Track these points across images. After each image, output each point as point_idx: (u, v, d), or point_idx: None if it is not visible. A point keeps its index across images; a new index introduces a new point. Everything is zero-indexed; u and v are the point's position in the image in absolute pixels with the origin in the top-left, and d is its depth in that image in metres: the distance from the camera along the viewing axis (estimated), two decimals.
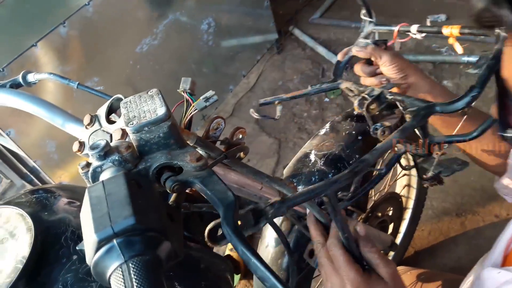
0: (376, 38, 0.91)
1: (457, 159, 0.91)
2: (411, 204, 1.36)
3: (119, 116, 0.58)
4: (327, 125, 0.99)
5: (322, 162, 0.92)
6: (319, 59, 2.57)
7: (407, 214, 1.38)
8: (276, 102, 0.84)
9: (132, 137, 0.42)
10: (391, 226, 1.21)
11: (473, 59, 2.08)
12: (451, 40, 0.82)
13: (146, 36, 1.80)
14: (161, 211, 0.36)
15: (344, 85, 0.84)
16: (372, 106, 0.70)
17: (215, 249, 0.81)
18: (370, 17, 0.91)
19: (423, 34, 0.86)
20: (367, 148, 0.95)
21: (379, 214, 1.12)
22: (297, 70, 2.59)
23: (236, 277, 1.55)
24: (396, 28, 0.88)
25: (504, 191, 0.91)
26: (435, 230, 1.54)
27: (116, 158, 0.40)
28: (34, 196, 0.56)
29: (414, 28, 0.86)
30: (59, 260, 0.48)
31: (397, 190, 1.31)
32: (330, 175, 0.90)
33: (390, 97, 0.70)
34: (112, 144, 0.47)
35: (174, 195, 0.47)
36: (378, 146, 0.58)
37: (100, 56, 1.68)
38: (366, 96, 0.71)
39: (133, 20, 1.76)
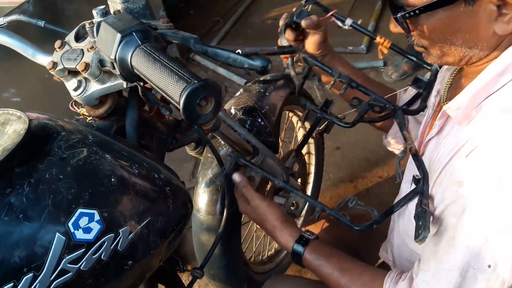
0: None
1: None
2: (312, 169, 1.65)
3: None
4: (241, 90, 1.23)
5: (241, 113, 1.15)
6: (221, 79, 2.86)
7: (311, 178, 1.65)
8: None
9: (121, 7, 0.59)
10: (299, 181, 1.47)
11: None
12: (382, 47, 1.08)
13: None
14: None
15: (301, 52, 1.00)
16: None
17: None
18: None
19: (349, 26, 1.04)
20: (274, 100, 1.21)
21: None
22: None
23: None
24: (331, 12, 1.05)
25: (390, 145, 1.17)
26: (334, 195, 1.85)
27: (113, 16, 0.57)
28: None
29: (348, 21, 1.05)
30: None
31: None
32: (248, 122, 1.13)
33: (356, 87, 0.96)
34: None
35: None
36: None
37: (16, 68, 1.74)
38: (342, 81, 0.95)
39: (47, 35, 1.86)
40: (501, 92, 0.66)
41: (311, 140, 1.61)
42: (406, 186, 0.93)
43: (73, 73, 0.72)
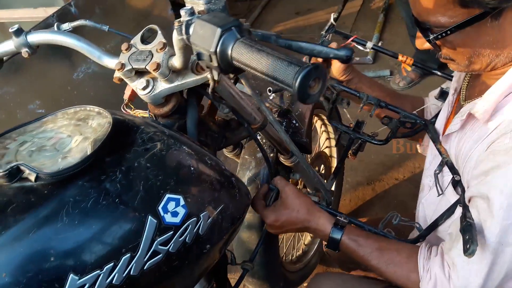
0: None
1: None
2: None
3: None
4: (273, 94, 1.28)
5: (276, 115, 1.19)
6: None
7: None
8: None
9: (204, 7, 0.63)
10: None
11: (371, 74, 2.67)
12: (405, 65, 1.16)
13: (81, 65, 1.95)
14: None
15: (327, 82, 1.06)
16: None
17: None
18: (335, 22, 1.15)
19: (370, 48, 1.13)
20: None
21: (316, 168, 1.42)
22: None
23: None
24: (352, 38, 1.13)
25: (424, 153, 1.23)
26: (354, 198, 1.89)
27: (206, 14, 0.61)
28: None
29: (369, 44, 1.13)
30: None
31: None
32: (284, 123, 1.18)
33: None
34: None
35: None
36: None
37: (41, 81, 1.78)
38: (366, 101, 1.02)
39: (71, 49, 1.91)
40: None
41: (333, 144, 1.66)
42: (429, 180, 0.98)
43: (139, 73, 0.76)
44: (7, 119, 1.68)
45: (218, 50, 0.53)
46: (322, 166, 1.47)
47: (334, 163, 1.67)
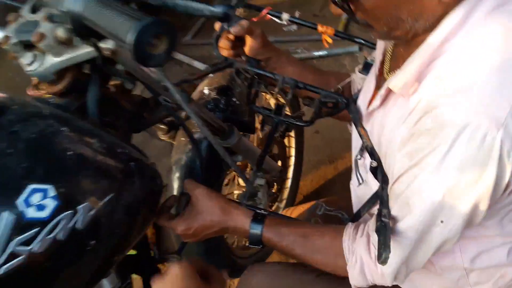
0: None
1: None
2: (293, 152, 1.62)
3: None
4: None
5: (214, 92, 1.10)
6: (197, 71, 2.80)
7: (291, 161, 1.62)
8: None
9: None
10: (279, 163, 1.44)
11: (322, 53, 2.56)
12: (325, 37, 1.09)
13: None
14: None
15: (238, 65, 0.95)
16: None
17: None
18: None
19: (287, 20, 1.05)
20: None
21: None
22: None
23: None
24: (264, 11, 1.06)
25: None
26: (315, 177, 1.83)
27: None
28: None
29: (285, 16, 1.04)
30: None
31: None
32: (222, 101, 1.09)
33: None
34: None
35: None
36: None
37: None
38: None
39: None
40: (440, 60, 0.65)
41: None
42: (355, 155, 0.91)
43: (29, 48, 0.66)
44: None
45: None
46: (276, 147, 1.40)
47: (292, 143, 1.60)
